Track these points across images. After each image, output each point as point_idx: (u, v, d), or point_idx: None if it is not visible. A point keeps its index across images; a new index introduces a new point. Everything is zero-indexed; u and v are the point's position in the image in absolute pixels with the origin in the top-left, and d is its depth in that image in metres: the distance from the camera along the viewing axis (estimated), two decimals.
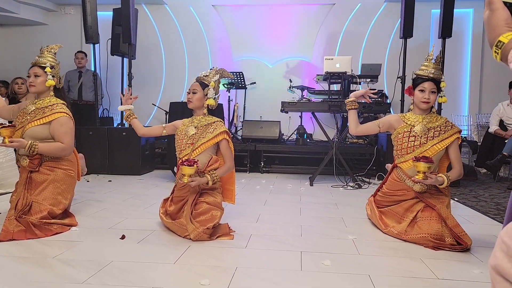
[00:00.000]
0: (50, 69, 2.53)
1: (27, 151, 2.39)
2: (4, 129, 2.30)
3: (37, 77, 2.53)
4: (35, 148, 2.39)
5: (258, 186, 4.22)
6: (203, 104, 2.52)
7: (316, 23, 6.77)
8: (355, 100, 2.66)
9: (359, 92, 2.68)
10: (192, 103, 2.51)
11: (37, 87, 2.53)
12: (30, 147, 2.37)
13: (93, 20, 5.11)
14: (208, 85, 2.51)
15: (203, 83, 2.52)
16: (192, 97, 2.50)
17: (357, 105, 2.67)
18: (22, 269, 1.80)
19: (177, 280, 1.72)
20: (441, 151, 2.40)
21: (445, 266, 1.95)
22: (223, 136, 2.47)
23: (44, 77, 2.53)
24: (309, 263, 1.95)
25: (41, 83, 2.53)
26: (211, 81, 2.52)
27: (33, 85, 2.53)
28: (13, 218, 2.27)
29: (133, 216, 2.83)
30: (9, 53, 7.27)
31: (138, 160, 4.89)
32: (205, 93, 2.51)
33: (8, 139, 2.31)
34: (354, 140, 5.63)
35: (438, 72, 2.42)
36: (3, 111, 2.67)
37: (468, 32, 6.54)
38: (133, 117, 2.65)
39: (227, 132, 2.50)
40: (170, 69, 7.04)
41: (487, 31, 0.96)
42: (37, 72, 2.53)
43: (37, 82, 2.52)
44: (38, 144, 2.40)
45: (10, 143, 2.31)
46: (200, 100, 2.51)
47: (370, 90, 2.69)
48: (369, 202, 2.78)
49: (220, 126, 2.49)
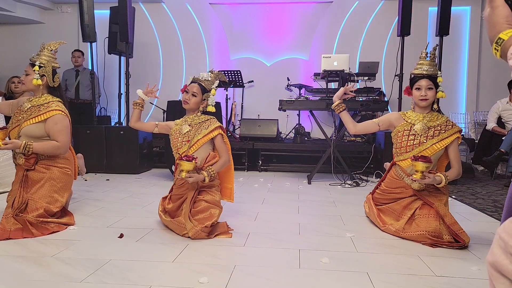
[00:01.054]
0: (38, 68, 2.51)
1: (22, 151, 2.38)
2: None
3: (27, 76, 2.54)
4: (30, 148, 2.38)
5: (256, 185, 4.22)
6: (199, 107, 2.53)
7: (313, 21, 6.76)
8: (341, 102, 2.62)
9: (339, 92, 2.63)
10: (189, 105, 2.50)
11: (26, 85, 2.55)
12: (25, 147, 2.36)
13: (90, 19, 5.10)
14: (209, 91, 2.52)
15: (204, 88, 2.52)
16: (189, 99, 2.49)
17: (345, 106, 2.62)
18: (20, 268, 1.79)
19: (175, 278, 1.72)
20: (440, 150, 2.40)
21: (443, 263, 1.95)
22: (218, 131, 2.48)
23: (33, 75, 2.52)
24: (307, 261, 1.95)
25: (29, 81, 2.53)
26: (212, 88, 2.52)
27: (23, 83, 2.56)
28: (10, 216, 2.27)
29: (131, 214, 2.83)
30: (6, 52, 7.24)
31: (136, 159, 4.89)
32: (203, 98, 2.51)
33: (1, 141, 2.30)
34: (352, 138, 5.64)
35: (433, 68, 2.41)
36: (2, 107, 2.68)
37: (465, 30, 6.55)
38: (139, 108, 2.63)
39: (221, 127, 2.51)
40: (167, 68, 7.02)
41: (488, 28, 0.97)
42: (27, 70, 2.54)
43: (27, 80, 2.54)
44: (33, 143, 2.40)
45: (4, 146, 2.30)
46: (197, 103, 2.51)
47: (347, 87, 2.66)
48: (367, 200, 2.78)
49: (214, 122, 2.50)
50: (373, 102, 4.60)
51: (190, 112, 2.55)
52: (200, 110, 2.54)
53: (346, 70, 4.59)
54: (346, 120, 2.62)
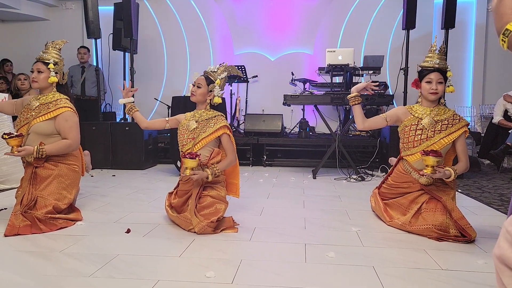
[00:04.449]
0: (54, 66, 2.54)
1: (36, 156, 2.41)
2: (12, 139, 2.31)
3: (40, 73, 2.53)
4: (43, 152, 2.41)
5: (261, 180, 4.23)
6: (206, 99, 2.52)
7: (317, 15, 6.73)
8: (358, 95, 2.56)
9: (360, 85, 2.56)
10: (195, 97, 2.51)
11: (39, 83, 2.54)
12: (38, 151, 2.39)
13: (94, 15, 5.10)
14: (214, 81, 2.51)
15: (208, 78, 2.52)
16: (195, 91, 2.50)
17: (361, 100, 2.55)
18: (30, 262, 1.82)
19: (182, 273, 1.73)
20: (448, 145, 2.38)
21: (449, 257, 1.95)
22: (224, 130, 2.47)
23: (47, 73, 2.54)
24: (313, 255, 1.96)
25: (43, 79, 2.54)
26: (217, 78, 2.51)
27: (36, 81, 2.54)
28: (19, 213, 2.29)
29: (137, 210, 2.85)
30: (11, 49, 7.27)
31: (142, 155, 4.91)
32: (209, 89, 2.51)
33: (16, 148, 2.33)
34: (357, 133, 5.62)
35: (443, 62, 2.39)
36: (5, 107, 2.66)
37: (471, 23, 6.49)
38: (135, 110, 2.66)
39: (227, 127, 2.50)
40: (171, 63, 7.03)
41: (495, 19, 0.96)
42: (40, 68, 2.54)
43: (40, 78, 2.53)
44: (45, 147, 2.42)
45: (17, 153, 2.33)
46: (203, 95, 2.51)
47: (372, 83, 2.61)
48: (373, 194, 2.78)
49: (221, 121, 2.49)
50: (378, 96, 4.58)
51: (199, 105, 2.56)
52: (208, 103, 2.53)
53: (351, 64, 4.57)
54: (357, 114, 2.56)
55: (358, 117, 2.57)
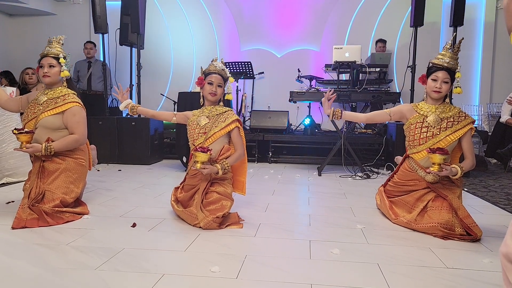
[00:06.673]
0: (64, 60, 2.56)
1: (44, 153, 2.43)
2: (22, 135, 2.34)
3: (51, 68, 2.54)
4: (51, 149, 2.43)
5: (267, 176, 4.23)
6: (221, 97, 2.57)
7: (325, 12, 6.70)
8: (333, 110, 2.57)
9: (324, 105, 2.58)
10: (217, 96, 2.54)
11: (52, 78, 2.55)
12: (46, 148, 2.41)
13: (101, 10, 5.12)
14: (227, 80, 2.56)
15: (224, 77, 2.55)
16: (217, 90, 2.52)
17: (340, 110, 2.59)
18: (40, 253, 1.84)
19: (187, 267, 1.74)
20: (454, 142, 2.37)
21: (454, 256, 1.95)
22: (235, 124, 2.51)
23: (59, 67, 2.56)
24: (318, 252, 1.96)
25: (55, 73, 2.56)
26: (228, 76, 2.56)
27: (48, 75, 2.54)
28: (26, 207, 2.32)
29: (143, 204, 2.87)
30: (19, 43, 7.32)
31: (147, 150, 4.94)
32: (225, 87, 2.56)
33: (25, 144, 2.36)
34: (362, 130, 5.61)
35: (454, 62, 2.37)
36: (10, 104, 2.65)
37: (480, 21, 6.43)
38: (136, 107, 2.65)
39: (238, 120, 2.53)
40: (178, 59, 7.04)
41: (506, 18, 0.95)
42: (52, 63, 2.55)
43: (52, 72, 2.54)
44: (52, 144, 2.44)
45: (26, 149, 2.36)
46: (222, 93, 2.56)
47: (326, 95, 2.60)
48: (379, 192, 2.77)
49: (232, 115, 2.52)
50: (384, 93, 4.56)
51: (210, 103, 2.57)
52: (221, 99, 2.58)
53: (357, 61, 4.56)
54: (352, 118, 2.65)
55: (355, 119, 2.67)
